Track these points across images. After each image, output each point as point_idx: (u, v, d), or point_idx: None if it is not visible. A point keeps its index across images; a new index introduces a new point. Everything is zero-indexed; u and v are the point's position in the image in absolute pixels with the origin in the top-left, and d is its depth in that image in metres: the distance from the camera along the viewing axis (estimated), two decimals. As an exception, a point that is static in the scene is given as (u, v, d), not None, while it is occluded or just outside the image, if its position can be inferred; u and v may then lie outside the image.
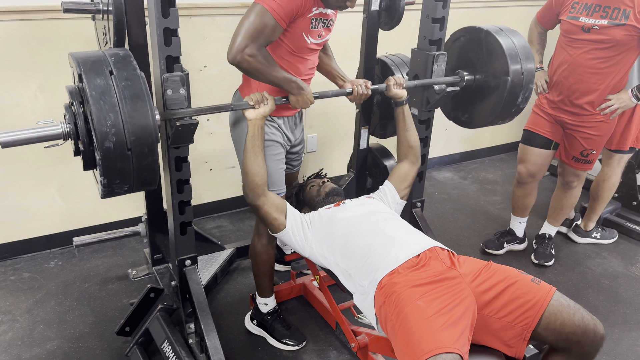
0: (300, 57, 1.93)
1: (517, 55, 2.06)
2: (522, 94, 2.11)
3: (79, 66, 1.36)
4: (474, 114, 2.28)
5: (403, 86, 2.08)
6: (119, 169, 1.37)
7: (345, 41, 3.13)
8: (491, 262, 1.64)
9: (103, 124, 1.31)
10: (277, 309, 2.25)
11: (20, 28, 2.34)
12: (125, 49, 1.49)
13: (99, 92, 1.32)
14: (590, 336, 1.45)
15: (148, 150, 1.39)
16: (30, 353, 2.08)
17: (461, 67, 2.25)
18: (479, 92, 2.21)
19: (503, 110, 2.14)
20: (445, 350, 1.28)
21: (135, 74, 1.40)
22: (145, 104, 1.37)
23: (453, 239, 3.10)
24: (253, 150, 1.83)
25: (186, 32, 2.71)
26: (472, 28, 2.19)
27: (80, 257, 2.73)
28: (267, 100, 1.81)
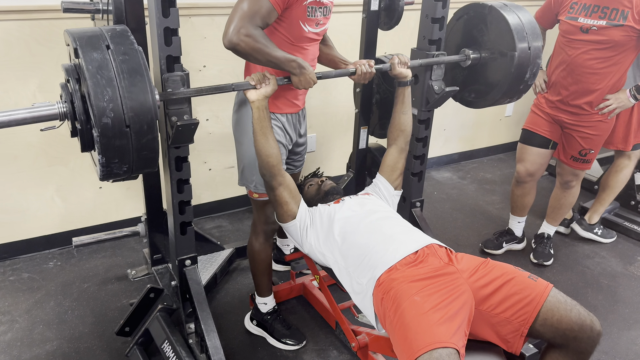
0: (299, 48, 1.90)
1: (524, 29, 2.01)
2: (529, 70, 2.06)
3: (75, 41, 1.31)
4: (480, 93, 2.22)
5: (408, 65, 2.03)
6: (117, 147, 1.33)
7: (345, 41, 3.13)
8: (489, 259, 1.65)
9: (100, 99, 1.27)
10: (276, 309, 2.25)
11: (19, 28, 2.34)
12: (123, 25, 1.44)
13: (95, 67, 1.28)
14: (587, 332, 1.46)
15: (147, 127, 1.35)
16: (29, 354, 2.08)
17: (466, 45, 2.20)
18: (485, 70, 2.16)
19: (510, 87, 2.09)
20: (441, 345, 1.29)
21: (133, 49, 1.35)
22: (144, 79, 1.33)
23: (452, 239, 3.10)
24: (262, 132, 1.78)
25: (185, 32, 2.70)
26: (476, 4, 2.13)
27: (79, 258, 2.73)
28: (269, 79, 1.75)
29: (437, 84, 2.18)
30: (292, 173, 2.31)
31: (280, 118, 2.01)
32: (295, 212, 1.87)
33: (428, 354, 1.28)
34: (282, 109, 1.99)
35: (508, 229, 3.01)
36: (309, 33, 1.88)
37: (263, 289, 2.22)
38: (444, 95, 2.18)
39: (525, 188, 2.85)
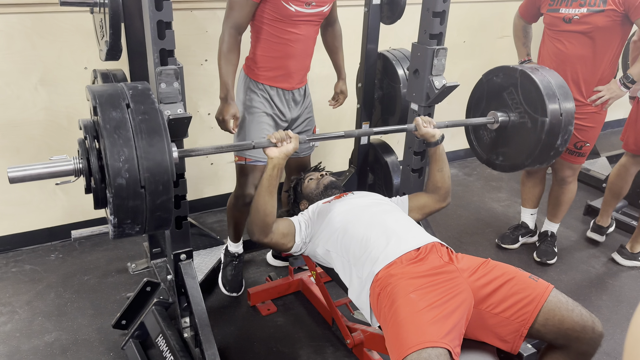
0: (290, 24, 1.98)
1: (555, 95, 1.92)
2: (561, 137, 1.95)
3: (95, 99, 1.29)
4: (508, 157, 2.10)
5: (434, 124, 1.94)
6: (130, 208, 1.28)
7: (348, 36, 3.09)
8: (489, 259, 1.63)
9: (116, 158, 1.23)
10: (236, 255, 2.48)
11: (20, 21, 2.35)
12: (145, 83, 1.42)
13: (113, 126, 1.25)
14: (589, 333, 1.44)
15: (163, 187, 1.30)
16: (28, 344, 2.10)
17: (495, 107, 2.11)
18: (514, 134, 2.05)
19: (541, 153, 1.98)
20: (431, 345, 1.27)
21: (153, 108, 1.32)
22: (162, 139, 1.29)
23: (456, 236, 3.07)
24: (269, 190, 1.72)
25: (187, 25, 2.70)
26: (506, 67, 2.05)
27: (81, 250, 2.75)
28: (291, 138, 1.71)
29: (437, 79, 2.15)
30: (297, 157, 2.33)
31: (268, 90, 2.11)
32: (293, 243, 1.85)
33: (417, 353, 1.26)
34: (274, 81, 2.10)
35: (522, 223, 2.99)
36: (297, 13, 1.94)
37: (231, 236, 2.47)
38: (444, 91, 2.15)
39: (536, 178, 2.86)
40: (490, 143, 2.18)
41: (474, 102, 2.21)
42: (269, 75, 2.11)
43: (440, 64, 2.16)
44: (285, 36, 2.03)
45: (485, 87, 2.15)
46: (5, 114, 2.45)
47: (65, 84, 2.53)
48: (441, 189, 1.98)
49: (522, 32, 2.73)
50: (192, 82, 2.76)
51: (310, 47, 2.14)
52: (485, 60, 3.92)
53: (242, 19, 1.98)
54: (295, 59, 2.10)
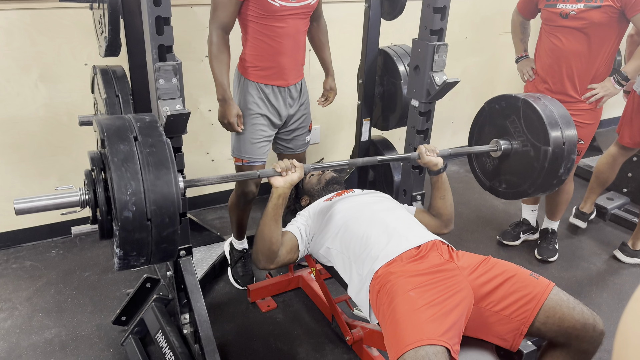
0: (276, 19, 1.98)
1: (557, 123, 1.91)
2: (564, 165, 1.94)
3: (102, 131, 1.28)
4: (511, 185, 2.09)
5: (437, 153, 1.93)
6: (136, 240, 1.28)
7: (349, 32, 3.10)
8: (490, 256, 1.63)
9: (123, 192, 1.22)
10: (244, 251, 2.53)
11: (20, 17, 2.35)
12: (152, 115, 1.41)
13: (121, 159, 1.24)
14: (589, 331, 1.44)
15: (169, 220, 1.29)
16: (28, 341, 2.10)
17: (497, 134, 2.09)
18: (517, 162, 2.04)
19: (544, 181, 1.97)
20: (428, 343, 1.27)
21: (160, 140, 1.31)
22: (169, 171, 1.28)
23: (456, 233, 3.06)
24: (275, 219, 1.70)
25: (187, 21, 2.70)
26: (509, 96, 2.02)
27: (81, 247, 2.75)
28: (295, 168, 1.70)
29: (438, 75, 2.14)
30: (292, 154, 2.33)
31: (263, 88, 2.10)
32: (298, 253, 1.82)
33: (414, 351, 1.26)
34: (269, 79, 2.09)
35: (523, 219, 2.99)
36: (282, 8, 1.94)
37: (235, 234, 2.51)
38: (445, 87, 2.14)
39: None
40: (493, 170, 2.16)
41: (476, 128, 2.19)
42: (262, 74, 2.10)
43: (441, 60, 2.14)
44: (272, 32, 2.01)
45: (488, 115, 2.13)
46: (5, 110, 2.45)
47: (65, 81, 2.53)
48: (443, 215, 1.95)
49: (520, 28, 2.72)
50: (192, 79, 2.75)
51: (300, 41, 2.12)
52: (487, 57, 3.91)
53: (227, 19, 1.97)
54: (286, 55, 2.08)
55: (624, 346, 0.45)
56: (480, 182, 2.23)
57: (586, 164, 3.77)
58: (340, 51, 3.12)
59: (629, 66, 2.42)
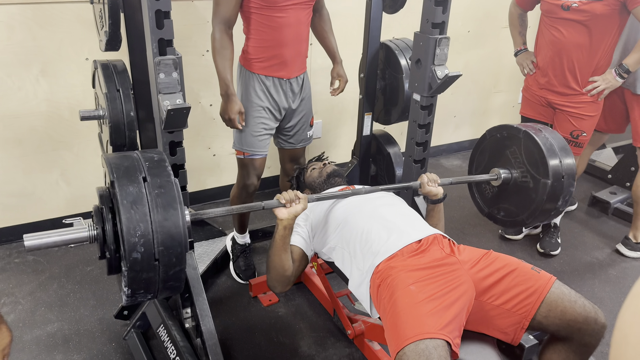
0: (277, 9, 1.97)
1: (557, 156, 1.90)
2: (562, 198, 1.94)
3: (112, 173, 1.28)
4: (510, 214, 2.10)
5: (438, 183, 1.93)
6: (144, 280, 1.30)
7: (351, 25, 3.08)
8: (491, 250, 1.63)
9: (132, 234, 1.23)
10: (247, 245, 2.53)
11: (21, 12, 2.34)
12: (161, 153, 1.41)
13: (130, 201, 1.25)
14: (591, 324, 1.44)
15: (176, 259, 1.31)
16: (30, 335, 2.11)
17: (498, 163, 2.09)
18: (516, 192, 2.04)
19: (542, 213, 1.97)
20: (428, 336, 1.27)
21: (169, 181, 1.31)
22: (177, 212, 1.29)
23: (459, 228, 3.06)
24: (284, 248, 1.70)
25: (188, 15, 2.69)
26: (510, 127, 2.03)
27: (83, 241, 2.75)
28: (300, 199, 1.68)
29: (440, 69, 2.13)
30: (292, 148, 2.33)
31: (264, 81, 2.11)
32: (307, 259, 1.83)
33: (414, 345, 1.26)
34: (270, 71, 2.09)
35: None
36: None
37: (237, 227, 2.51)
38: (447, 81, 2.13)
39: None
40: (492, 198, 2.16)
41: (477, 155, 2.19)
42: (263, 65, 2.10)
43: (442, 54, 2.13)
44: (274, 23, 2.01)
45: (489, 143, 2.12)
46: (6, 105, 2.45)
47: (67, 75, 2.52)
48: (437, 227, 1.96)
49: (518, 21, 2.71)
50: (193, 73, 2.75)
51: (303, 32, 2.12)
52: (489, 50, 3.89)
53: (229, 13, 1.97)
54: (288, 46, 2.08)
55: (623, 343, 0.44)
56: (479, 208, 2.23)
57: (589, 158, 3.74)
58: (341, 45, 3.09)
59: (630, 58, 2.40)
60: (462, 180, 2.10)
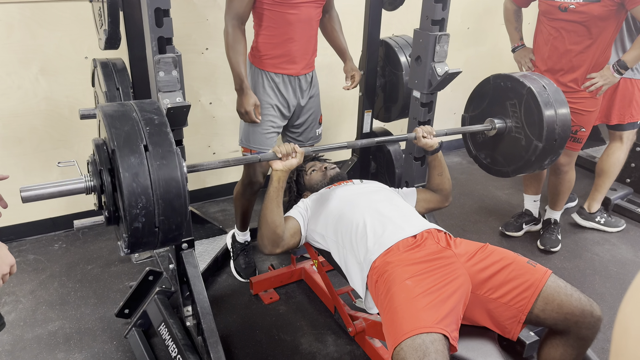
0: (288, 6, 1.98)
1: (554, 122, 1.90)
2: (549, 158, 1.97)
3: (113, 140, 1.25)
4: (495, 161, 2.14)
5: (433, 134, 1.96)
6: (144, 243, 1.32)
7: (350, 22, 3.07)
8: (488, 244, 1.63)
9: (134, 206, 1.23)
10: (246, 243, 2.53)
11: (20, 11, 2.34)
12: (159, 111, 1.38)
13: (132, 173, 1.23)
14: (587, 317, 1.45)
15: (176, 226, 1.32)
16: (32, 333, 2.11)
17: (495, 111, 2.09)
18: (506, 144, 2.06)
19: (526, 167, 2.03)
20: (425, 330, 1.27)
21: (170, 151, 1.29)
22: (179, 184, 1.28)
23: (459, 224, 3.06)
24: (277, 202, 1.72)
25: (187, 13, 2.68)
26: (516, 79, 1.99)
27: (84, 240, 2.76)
28: (296, 153, 1.71)
29: (440, 66, 2.13)
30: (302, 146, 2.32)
31: (274, 78, 2.11)
32: (300, 237, 1.84)
33: (411, 339, 1.26)
34: (278, 68, 2.10)
35: (526, 210, 2.98)
36: None
37: (239, 224, 2.50)
38: (447, 78, 2.13)
39: None
40: (482, 143, 2.19)
41: (476, 97, 2.19)
42: (273, 62, 2.11)
43: (442, 51, 2.13)
44: (284, 19, 2.02)
45: (491, 89, 2.12)
46: (6, 104, 2.45)
47: (66, 74, 2.52)
48: (442, 191, 2.03)
49: (513, 16, 2.71)
50: (193, 71, 2.75)
51: (312, 29, 2.13)
52: (489, 47, 3.88)
53: (243, 9, 1.98)
54: (297, 42, 2.09)
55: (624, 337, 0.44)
56: (467, 149, 2.30)
57: (589, 154, 3.75)
58: (341, 42, 3.10)
59: (628, 55, 2.40)
60: (458, 130, 2.12)
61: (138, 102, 1.41)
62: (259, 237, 1.76)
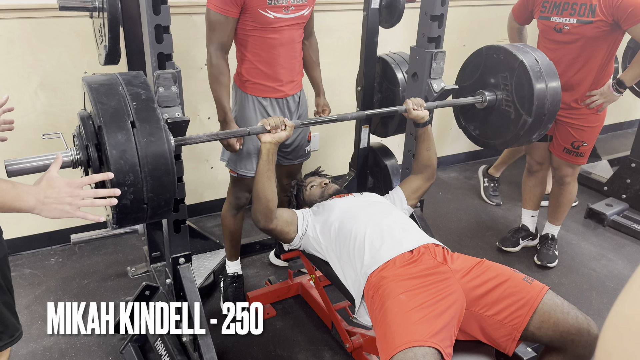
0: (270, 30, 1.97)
1: (545, 96, 1.93)
2: (537, 132, 2.01)
3: (99, 116, 1.24)
4: (483, 134, 2.18)
5: (423, 107, 1.99)
6: (132, 218, 1.32)
7: (347, 39, 3.11)
8: (484, 259, 1.63)
9: (122, 184, 1.23)
10: (236, 276, 2.43)
11: (21, 26, 2.36)
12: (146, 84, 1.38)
13: (120, 151, 1.23)
14: (584, 336, 1.44)
15: (164, 202, 1.33)
16: (26, 349, 2.10)
17: (486, 83, 2.14)
18: (495, 117, 2.10)
19: (513, 141, 2.07)
20: (418, 344, 1.27)
21: (158, 127, 1.29)
22: (167, 161, 1.28)
23: (456, 240, 3.07)
24: (267, 175, 1.75)
25: (187, 30, 2.71)
26: (509, 52, 2.02)
27: (80, 254, 2.75)
28: (285, 126, 1.74)
29: (436, 82, 2.15)
30: (290, 164, 2.34)
31: (261, 101, 2.10)
32: (296, 232, 1.87)
33: (403, 353, 1.26)
34: (265, 92, 2.09)
35: (522, 225, 2.98)
36: (276, 19, 1.95)
37: (228, 252, 2.42)
38: (443, 94, 2.15)
39: (537, 177, 2.85)
40: (472, 115, 2.24)
41: (468, 67, 2.24)
42: (259, 87, 2.08)
43: (438, 67, 2.16)
44: (266, 43, 2.00)
45: (483, 60, 2.16)
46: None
47: (65, 89, 2.54)
48: (429, 167, 2.09)
49: (517, 34, 2.74)
50: (191, 86, 2.77)
51: (295, 50, 2.11)
52: (485, 64, 3.92)
53: (226, 38, 1.95)
54: (281, 66, 2.06)
55: None
56: (457, 120, 2.33)
57: (585, 170, 3.77)
58: (339, 59, 3.14)
59: (627, 74, 2.42)
60: (448, 103, 2.15)
61: (124, 74, 1.41)
62: (253, 211, 1.82)
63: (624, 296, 0.46)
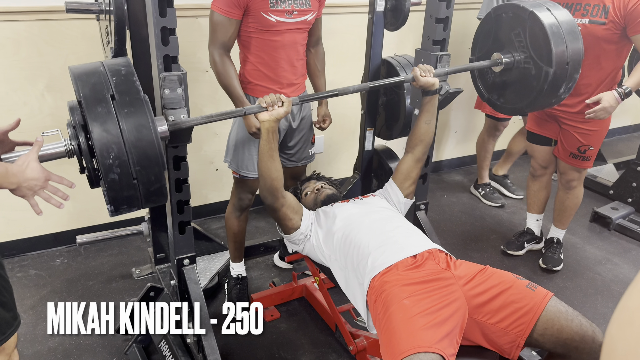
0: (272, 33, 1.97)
1: (563, 41, 1.79)
2: (564, 85, 1.87)
3: (79, 91, 1.27)
4: (509, 100, 2.04)
5: (432, 73, 1.90)
6: (125, 197, 1.33)
7: (352, 42, 3.12)
8: (487, 266, 1.62)
9: (106, 156, 1.25)
10: (240, 277, 2.43)
11: (28, 28, 2.38)
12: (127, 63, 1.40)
13: (100, 122, 1.25)
14: (588, 343, 1.43)
15: (155, 178, 1.34)
16: (31, 349, 2.11)
17: (501, 46, 2.03)
18: (517, 79, 1.99)
19: (542, 100, 1.93)
20: (423, 350, 1.27)
21: (138, 98, 1.32)
22: (150, 132, 1.30)
23: (461, 243, 3.06)
24: (269, 154, 1.74)
25: (192, 32, 2.73)
26: (516, 6, 1.92)
27: (85, 256, 2.76)
28: (282, 102, 1.71)
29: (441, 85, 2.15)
30: (294, 166, 2.34)
31: None
32: (299, 224, 1.87)
33: (408, 359, 1.26)
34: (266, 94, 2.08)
35: (527, 229, 2.97)
36: (279, 23, 1.96)
37: (232, 254, 2.44)
38: (448, 97, 2.15)
39: (542, 181, 2.84)
40: (493, 84, 2.13)
41: (480, 36, 2.15)
42: (262, 89, 2.09)
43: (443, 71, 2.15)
44: (268, 46, 2.01)
45: (494, 24, 2.06)
46: (12, 119, 2.46)
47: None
48: (423, 142, 2.01)
49: None
50: (197, 89, 2.78)
51: (299, 53, 2.11)
52: (490, 67, 3.91)
53: (228, 38, 1.97)
54: (284, 67, 2.07)
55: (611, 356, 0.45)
56: (479, 93, 2.24)
57: (591, 174, 3.75)
58: (344, 61, 3.14)
59: (630, 81, 2.39)
60: (460, 68, 2.06)
61: (108, 60, 1.44)
62: (260, 189, 1.83)
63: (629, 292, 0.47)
